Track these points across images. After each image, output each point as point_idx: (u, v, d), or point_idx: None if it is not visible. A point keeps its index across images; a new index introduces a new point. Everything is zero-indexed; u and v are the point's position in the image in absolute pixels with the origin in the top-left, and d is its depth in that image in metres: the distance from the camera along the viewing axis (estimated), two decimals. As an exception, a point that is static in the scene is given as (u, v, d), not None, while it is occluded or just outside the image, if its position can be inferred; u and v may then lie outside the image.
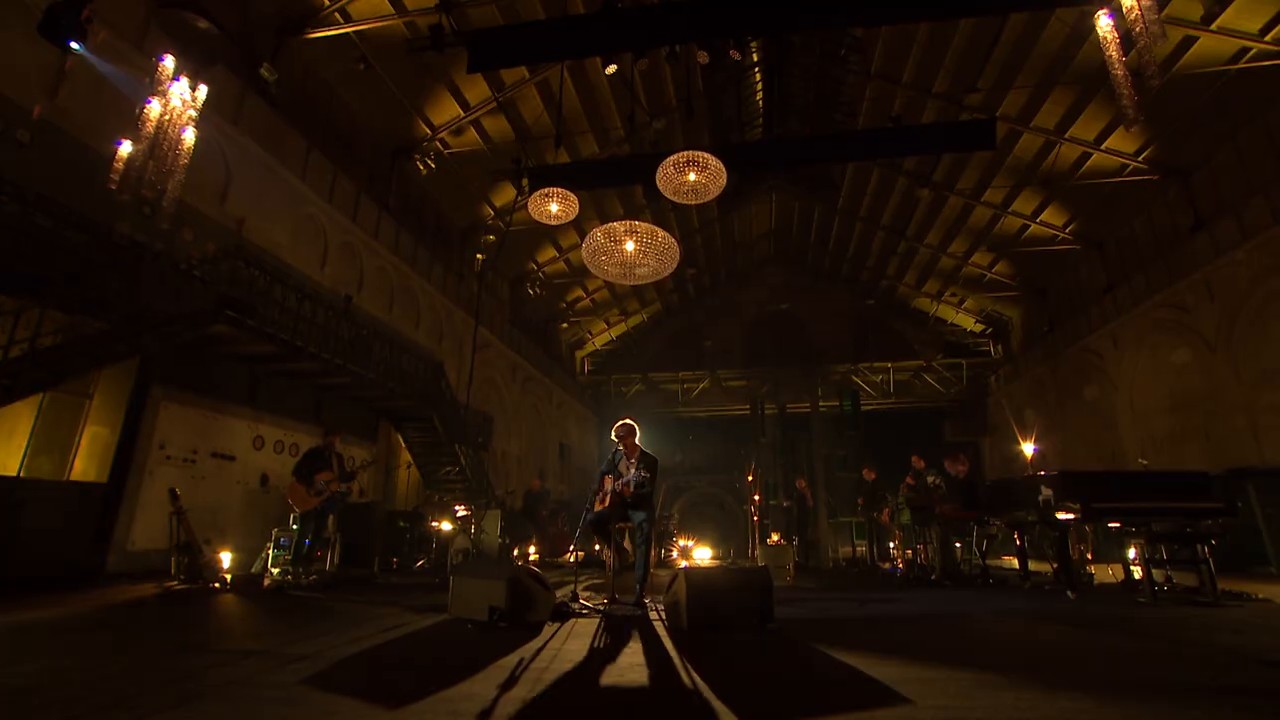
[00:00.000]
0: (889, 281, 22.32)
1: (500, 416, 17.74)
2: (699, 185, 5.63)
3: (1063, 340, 17.45)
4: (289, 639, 3.51)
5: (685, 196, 5.82)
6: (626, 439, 5.59)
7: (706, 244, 21.85)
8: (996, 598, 5.55)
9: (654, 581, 5.96)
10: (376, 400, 11.65)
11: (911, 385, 22.61)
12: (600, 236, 5.63)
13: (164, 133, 4.88)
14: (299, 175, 11.34)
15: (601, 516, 5.44)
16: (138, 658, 3.00)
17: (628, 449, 5.63)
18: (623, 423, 5.66)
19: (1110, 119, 12.88)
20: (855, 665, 2.93)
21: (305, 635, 3.66)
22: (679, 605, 4.12)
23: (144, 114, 4.79)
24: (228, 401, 8.88)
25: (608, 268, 5.76)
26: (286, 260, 10.78)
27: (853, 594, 6.17)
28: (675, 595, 4.20)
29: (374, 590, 6.40)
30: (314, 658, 2.96)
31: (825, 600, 5.64)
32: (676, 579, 4.24)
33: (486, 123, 14.52)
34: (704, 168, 5.48)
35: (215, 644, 3.37)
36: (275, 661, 2.91)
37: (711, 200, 20.01)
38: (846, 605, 5.26)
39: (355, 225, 12.77)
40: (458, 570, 4.69)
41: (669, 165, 5.55)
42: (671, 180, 5.61)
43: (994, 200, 16.58)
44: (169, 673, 2.69)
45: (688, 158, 5.45)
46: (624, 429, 5.60)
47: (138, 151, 4.84)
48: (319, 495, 7.08)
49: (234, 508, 8.67)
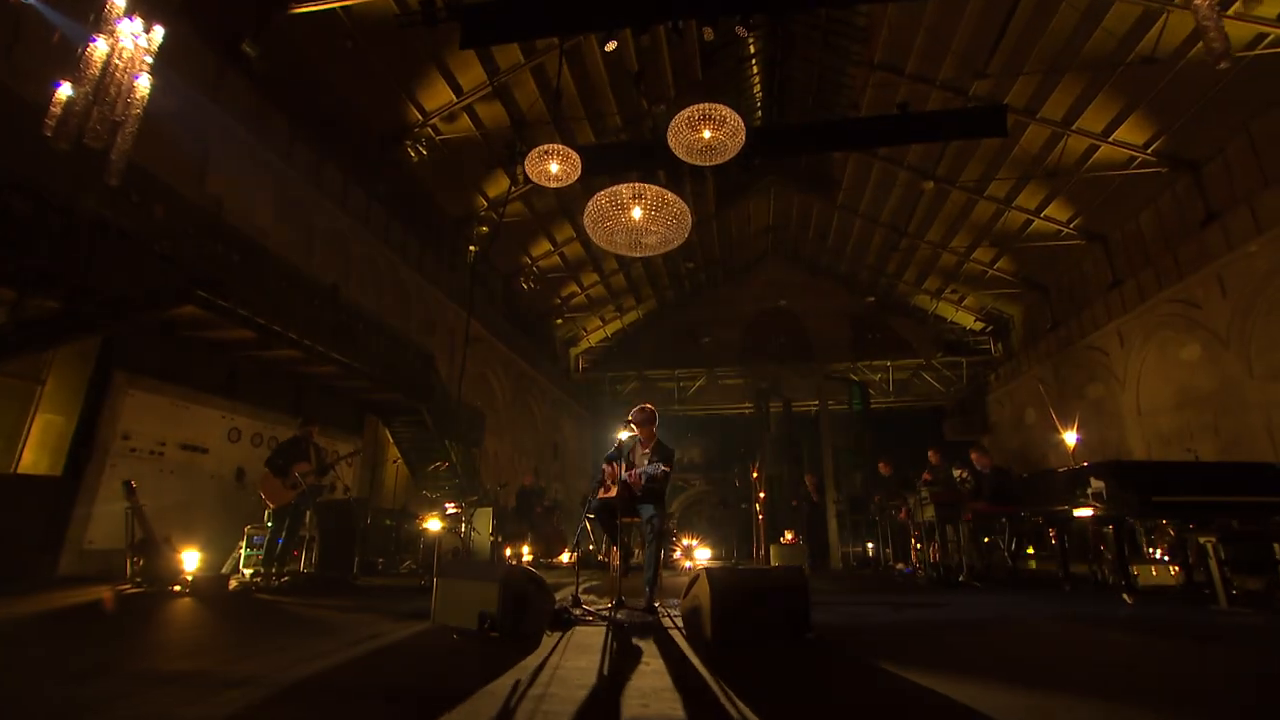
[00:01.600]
0: (888, 279, 21.84)
1: (492, 413, 17.06)
2: (715, 143, 5.03)
3: (1066, 337, 17.00)
4: (234, 655, 2.86)
5: (699, 157, 5.22)
6: (645, 426, 4.97)
7: (704, 239, 21.27)
8: (1041, 601, 4.97)
9: (663, 584, 5.33)
10: (363, 392, 10.96)
11: (911, 384, 22.13)
12: (604, 201, 5.02)
13: (111, 76, 4.23)
14: (283, 157, 10.68)
15: (609, 505, 4.82)
16: (28, 683, 2.35)
17: (644, 437, 5.01)
18: (642, 408, 5.05)
19: (1120, 109, 12.43)
20: (936, 689, 2.32)
21: (255, 650, 3.01)
22: (700, 612, 3.51)
23: (87, 54, 4.14)
24: (201, 390, 8.19)
25: (613, 235, 5.15)
26: (269, 245, 10.09)
27: (882, 597, 5.58)
28: (696, 600, 3.58)
29: (351, 594, 5.74)
30: (255, 682, 2.32)
31: (854, 604, 5.04)
32: (697, 581, 3.63)
33: (480, 109, 13.88)
34: (720, 123, 4.89)
35: (140, 663, 2.71)
36: (204, 687, 2.26)
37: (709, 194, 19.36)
38: (881, 610, 4.66)
39: (343, 212, 12.10)
40: (444, 571, 4.06)
41: (681, 121, 4.96)
42: (684, 139, 5.01)
43: (997, 195, 16.12)
44: (52, 706, 2.04)
45: (702, 112, 4.86)
46: (643, 414, 4.99)
47: (79, 95, 4.18)
48: (294, 489, 6.41)
49: (206, 504, 7.97)
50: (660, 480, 4.73)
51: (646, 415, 5.02)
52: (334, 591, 5.88)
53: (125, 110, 4.48)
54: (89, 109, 4.18)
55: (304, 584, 6.19)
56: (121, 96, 4.44)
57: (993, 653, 3.19)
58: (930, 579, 6.68)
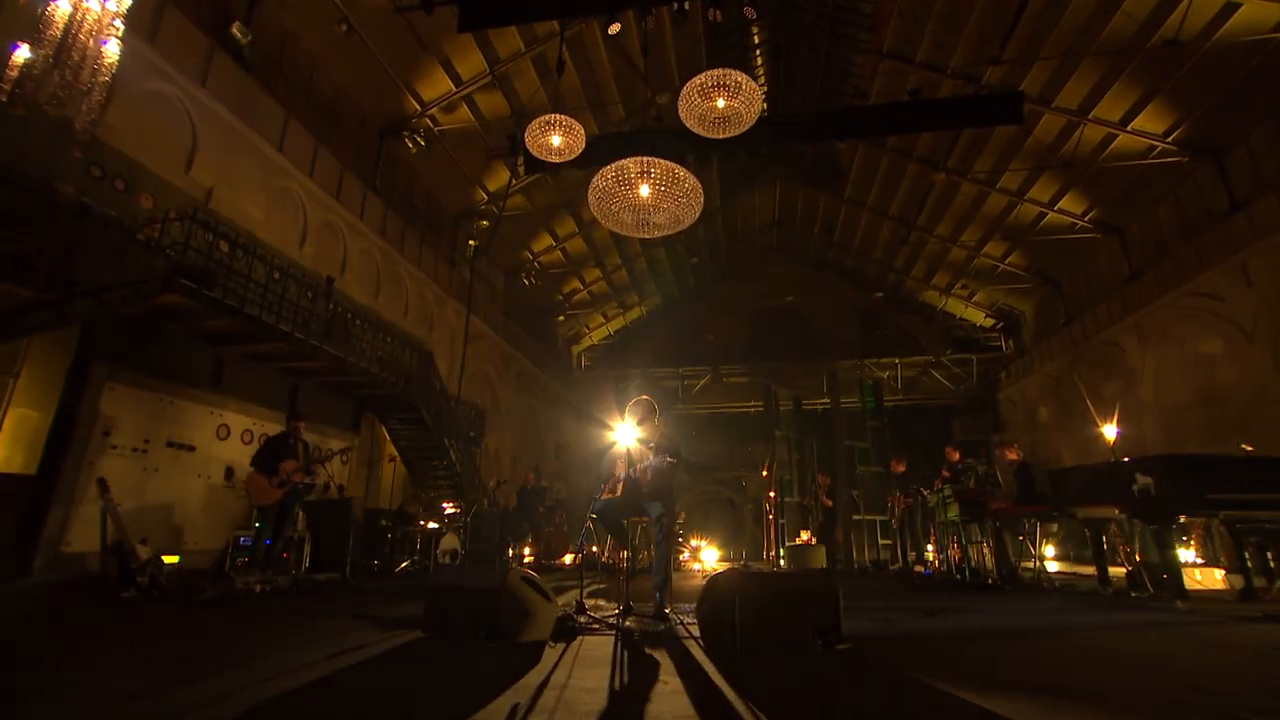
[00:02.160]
0: (896, 275, 21.44)
1: (493, 412, 16.73)
2: (730, 113, 4.68)
3: (1080, 333, 16.60)
4: (188, 674, 2.51)
5: (714, 128, 4.87)
6: (644, 420, 4.64)
7: (709, 233, 20.92)
8: (1084, 607, 4.60)
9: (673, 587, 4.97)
10: (359, 388, 10.63)
11: (919, 382, 21.75)
12: (610, 178, 4.67)
13: (74, 39, 3.89)
14: (276, 146, 10.35)
15: (613, 507, 4.47)
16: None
17: (646, 433, 4.68)
18: (638, 400, 4.72)
19: (1139, 96, 12.05)
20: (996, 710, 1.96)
21: (215, 666, 2.66)
22: (720, 620, 3.16)
23: (47, 14, 3.81)
24: (188, 385, 7.86)
25: (619, 215, 4.80)
26: (260, 236, 9.76)
27: (908, 601, 5.21)
28: (714, 607, 3.23)
29: (341, 598, 5.39)
30: (200, 709, 1.96)
31: (881, 609, 4.67)
32: (715, 586, 3.27)
33: (480, 99, 13.55)
34: (735, 91, 4.53)
35: (72, 683, 2.36)
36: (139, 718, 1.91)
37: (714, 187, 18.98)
38: (912, 616, 4.30)
39: (338, 203, 11.76)
40: (437, 575, 3.71)
41: (693, 90, 4.60)
42: (696, 108, 4.66)
43: (1010, 187, 15.73)
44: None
45: (716, 79, 4.51)
46: (642, 408, 4.66)
47: (39, 59, 3.84)
48: (281, 487, 6.07)
49: (193, 504, 7.63)
50: (668, 474, 4.39)
51: (645, 409, 4.68)
52: (323, 595, 5.54)
53: (92, 78, 4.13)
54: (49, 73, 3.84)
55: (292, 587, 5.85)
56: (88, 62, 4.09)
57: (1051, 667, 2.83)
58: (956, 581, 6.31)
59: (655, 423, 4.72)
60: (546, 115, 5.26)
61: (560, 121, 5.16)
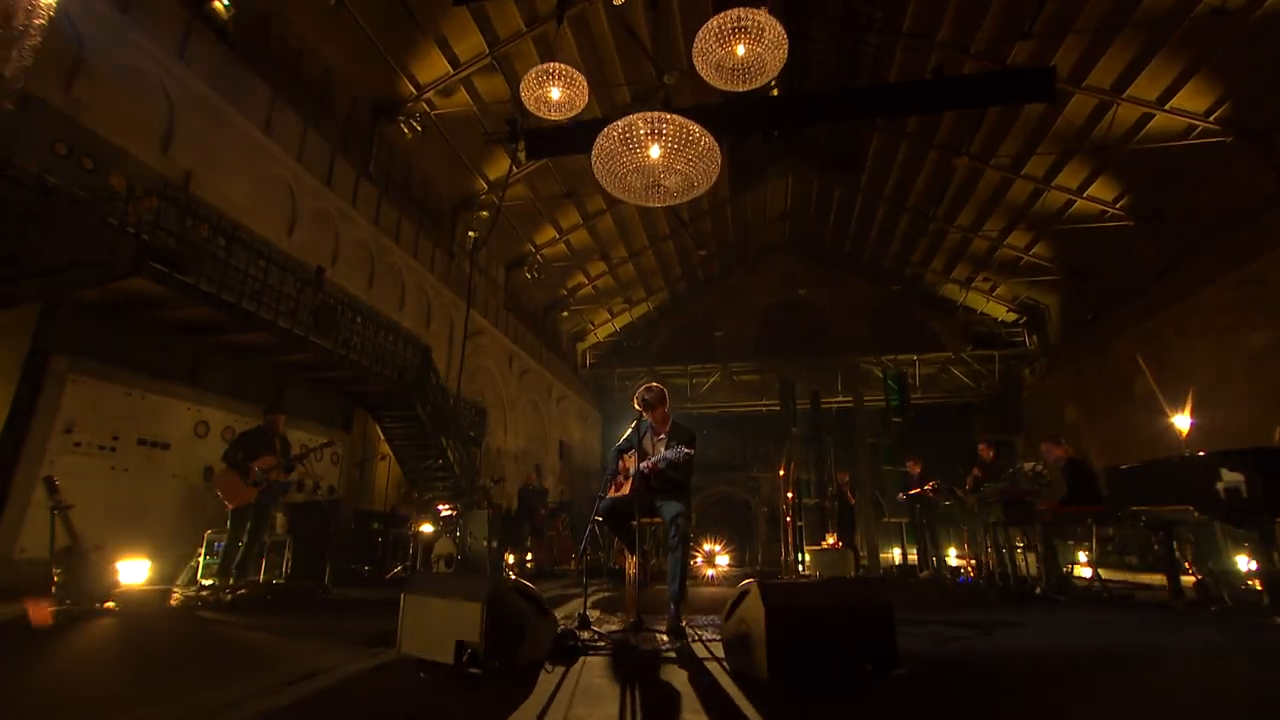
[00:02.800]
0: (914, 268, 20.87)
1: (495, 410, 16.28)
2: (751, 62, 4.17)
3: (1110, 328, 15.99)
4: (102, 710, 2.02)
5: (733, 81, 4.38)
6: (655, 407, 4.17)
7: (717, 227, 20.42)
8: (1165, 626, 4.06)
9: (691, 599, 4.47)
10: (351, 383, 10.18)
11: (938, 379, 21.15)
12: (615, 136, 4.19)
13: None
14: (262, 128, 9.93)
15: (620, 506, 3.99)
16: None
17: (656, 420, 4.20)
18: (649, 386, 4.26)
19: (1180, 71, 11.46)
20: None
21: (139, 699, 2.18)
22: (750, 641, 2.66)
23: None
24: (162, 379, 7.42)
25: (626, 179, 4.31)
26: (245, 223, 9.33)
27: (952, 613, 4.69)
28: (744, 624, 2.74)
29: (317, 609, 4.92)
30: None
31: (925, 623, 4.15)
32: (745, 599, 2.78)
33: (478, 82, 13.12)
34: (758, 36, 4.02)
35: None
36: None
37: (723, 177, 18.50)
38: (963, 631, 3.78)
39: (329, 190, 11.34)
40: (414, 586, 3.24)
41: (708, 34, 4.09)
42: (712, 56, 4.16)
43: (1035, 173, 15.16)
44: None
45: (735, 20, 3.99)
46: (651, 394, 4.19)
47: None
48: (256, 486, 5.62)
49: (166, 507, 7.19)
50: (684, 467, 3.91)
51: (657, 395, 4.22)
52: (298, 606, 5.08)
53: (27, 19, 3.69)
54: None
55: (264, 597, 5.39)
56: (19, 4, 3.65)
57: (1175, 709, 2.31)
58: (999, 591, 5.78)
59: (666, 410, 4.25)
60: (543, 65, 4.78)
61: (559, 71, 4.68)
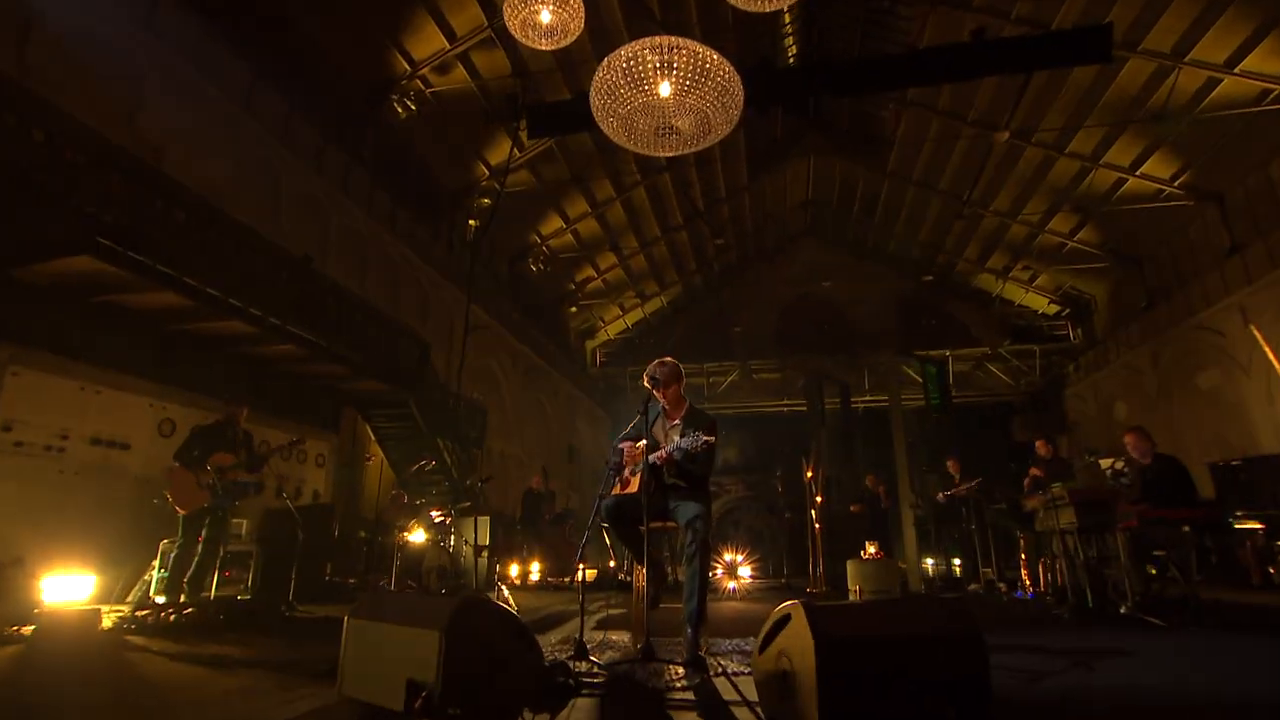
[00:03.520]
0: (946, 256, 20.06)
1: (498, 411, 15.75)
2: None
3: (1167, 318, 15.11)
4: None
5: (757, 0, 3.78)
6: (668, 386, 3.57)
7: (734, 215, 19.78)
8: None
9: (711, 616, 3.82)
10: (338, 379, 9.68)
11: (973, 377, 20.33)
12: (618, 68, 3.61)
13: None
14: (243, 106, 9.50)
15: (625, 506, 3.39)
16: None
17: (669, 402, 3.60)
18: (662, 361, 3.66)
19: (1253, 29, 10.63)
20: None
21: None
22: (794, 681, 2.04)
23: None
24: (122, 372, 6.94)
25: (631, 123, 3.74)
26: (224, 207, 8.87)
27: (1027, 635, 4.02)
28: (785, 659, 2.11)
29: (274, 631, 4.37)
30: None
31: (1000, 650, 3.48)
32: (787, 626, 2.16)
33: (477, 58, 12.61)
34: None
35: None
36: None
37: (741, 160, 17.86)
38: (1052, 664, 3.10)
39: (318, 175, 10.91)
40: (362, 608, 2.66)
41: None
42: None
43: (1082, 151, 14.37)
44: None
45: None
46: (664, 370, 3.60)
47: None
48: (208, 489, 5.09)
49: (123, 513, 6.68)
50: (702, 459, 3.29)
51: (670, 370, 3.62)
52: (253, 627, 4.53)
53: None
54: None
55: (216, 617, 4.83)
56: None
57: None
58: (1073, 609, 5.08)
59: (681, 390, 3.64)
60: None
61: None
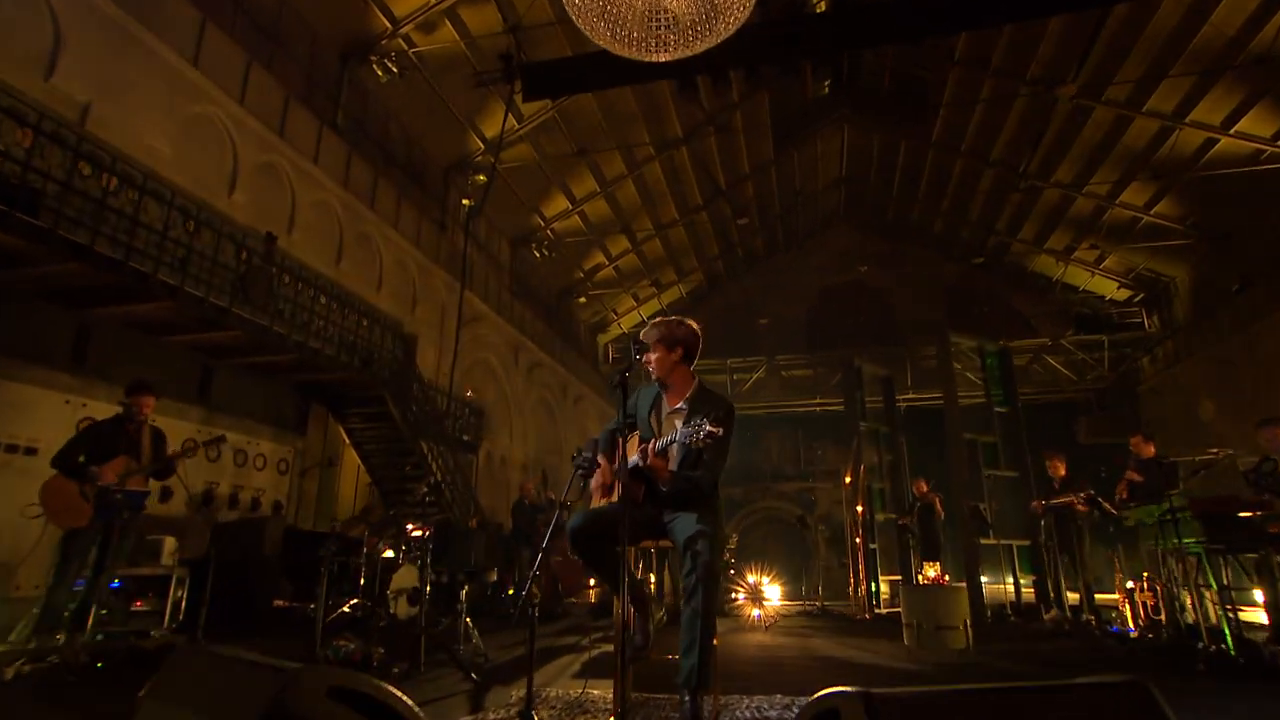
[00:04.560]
0: (999, 237, 18.76)
1: (498, 411, 14.96)
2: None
3: (1264, 302, 13.77)
4: None
5: None
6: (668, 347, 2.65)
7: (760, 194, 18.73)
8: None
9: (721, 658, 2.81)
10: (298, 371, 8.92)
11: (1030, 372, 19.03)
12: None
13: None
14: (189, 59, 8.77)
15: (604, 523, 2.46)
16: None
17: (667, 377, 2.67)
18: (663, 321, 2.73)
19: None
20: None
21: None
22: None
23: None
24: (31, 363, 6.20)
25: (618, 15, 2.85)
26: (166, 174, 8.15)
27: None
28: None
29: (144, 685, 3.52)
30: None
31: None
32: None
33: (465, 13, 11.78)
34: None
35: None
36: None
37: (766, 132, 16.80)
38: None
39: (282, 141, 10.15)
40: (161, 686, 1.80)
41: None
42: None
43: (1163, 109, 13.10)
44: None
45: None
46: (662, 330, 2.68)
47: None
48: (92, 500, 4.28)
49: (33, 530, 5.92)
50: (715, 460, 2.37)
51: (669, 332, 2.66)
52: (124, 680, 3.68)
53: None
54: None
55: (82, 664, 3.96)
56: None
57: None
58: (1208, 657, 4.04)
59: (690, 369, 2.69)
60: None
61: None
